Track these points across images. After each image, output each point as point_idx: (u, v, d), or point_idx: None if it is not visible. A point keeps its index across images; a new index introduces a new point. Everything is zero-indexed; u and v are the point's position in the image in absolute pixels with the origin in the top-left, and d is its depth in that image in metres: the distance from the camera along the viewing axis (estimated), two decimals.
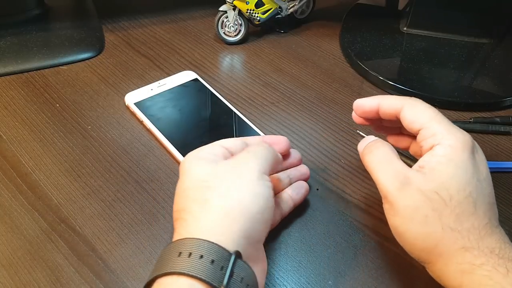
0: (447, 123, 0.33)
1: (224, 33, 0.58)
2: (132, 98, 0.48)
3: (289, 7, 0.59)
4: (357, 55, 0.55)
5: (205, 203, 0.30)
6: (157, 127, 0.45)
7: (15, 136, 0.45)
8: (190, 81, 0.51)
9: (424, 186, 0.30)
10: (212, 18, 0.57)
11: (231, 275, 0.27)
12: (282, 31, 0.61)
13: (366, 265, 0.36)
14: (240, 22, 0.57)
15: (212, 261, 0.27)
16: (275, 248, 0.37)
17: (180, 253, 0.27)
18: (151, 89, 0.50)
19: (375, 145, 0.35)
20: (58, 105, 0.49)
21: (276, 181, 0.38)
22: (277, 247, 0.37)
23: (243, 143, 0.36)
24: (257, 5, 0.56)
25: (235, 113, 0.48)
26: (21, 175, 0.42)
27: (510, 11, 0.56)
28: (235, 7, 0.56)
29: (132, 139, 0.46)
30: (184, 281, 0.26)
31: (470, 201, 0.30)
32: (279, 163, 0.37)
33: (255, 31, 0.60)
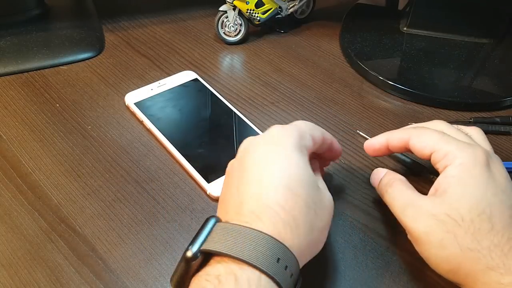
0: (456, 141, 0.33)
1: (224, 33, 0.58)
2: (132, 98, 0.48)
3: (289, 7, 0.59)
4: (357, 55, 0.55)
5: None
6: (157, 127, 0.45)
7: (15, 136, 0.45)
8: (190, 81, 0.51)
9: (435, 210, 0.31)
10: (212, 18, 0.57)
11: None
12: (282, 31, 0.61)
13: (366, 265, 0.36)
14: (240, 22, 0.57)
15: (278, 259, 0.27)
16: None
17: (279, 259, 0.27)
18: (151, 89, 0.50)
19: (388, 183, 0.36)
20: (58, 105, 0.49)
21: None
22: None
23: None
24: (257, 5, 0.56)
25: (235, 113, 0.48)
26: (21, 175, 0.42)
27: (510, 11, 0.56)
28: (235, 7, 0.56)
29: (132, 139, 0.46)
30: (265, 279, 0.26)
31: (484, 218, 0.30)
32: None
33: (255, 31, 0.60)
